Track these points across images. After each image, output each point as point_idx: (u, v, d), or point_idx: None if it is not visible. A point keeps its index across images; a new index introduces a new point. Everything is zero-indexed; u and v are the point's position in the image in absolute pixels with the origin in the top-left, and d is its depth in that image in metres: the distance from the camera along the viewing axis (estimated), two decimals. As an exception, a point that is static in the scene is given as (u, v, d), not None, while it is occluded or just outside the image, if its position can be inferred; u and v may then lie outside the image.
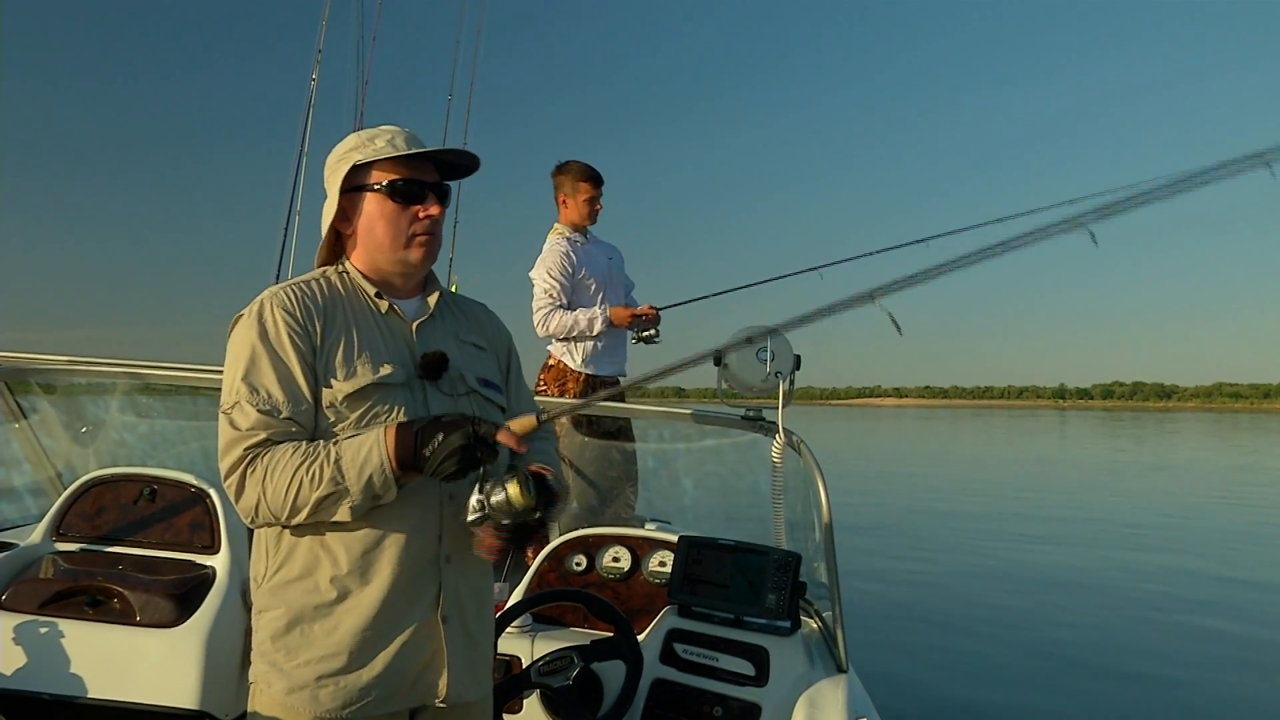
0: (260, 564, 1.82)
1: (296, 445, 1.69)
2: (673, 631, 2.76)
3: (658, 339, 4.78)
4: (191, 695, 2.70)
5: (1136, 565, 11.00)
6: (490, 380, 1.98)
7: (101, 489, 3.22)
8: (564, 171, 4.82)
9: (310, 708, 1.73)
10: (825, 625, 2.87)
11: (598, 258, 4.83)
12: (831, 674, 2.57)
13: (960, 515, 15.62)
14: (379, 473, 1.65)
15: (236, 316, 1.82)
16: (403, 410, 1.78)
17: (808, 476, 2.77)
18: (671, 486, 4.24)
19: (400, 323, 1.89)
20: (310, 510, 1.66)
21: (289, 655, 1.75)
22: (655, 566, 3.08)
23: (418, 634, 1.78)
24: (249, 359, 1.74)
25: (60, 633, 2.76)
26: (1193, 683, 6.48)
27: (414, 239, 1.86)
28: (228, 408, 1.72)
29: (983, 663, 6.91)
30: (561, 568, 3.13)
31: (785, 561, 2.75)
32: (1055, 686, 6.25)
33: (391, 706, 1.77)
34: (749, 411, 3.08)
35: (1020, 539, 12.96)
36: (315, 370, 1.76)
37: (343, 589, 1.74)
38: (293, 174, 5.37)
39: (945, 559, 11.27)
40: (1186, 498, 19.33)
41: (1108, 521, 15.12)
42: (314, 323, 1.78)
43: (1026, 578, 10.16)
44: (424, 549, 1.79)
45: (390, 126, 1.90)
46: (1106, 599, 9.04)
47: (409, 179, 1.85)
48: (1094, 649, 7.15)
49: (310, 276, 1.89)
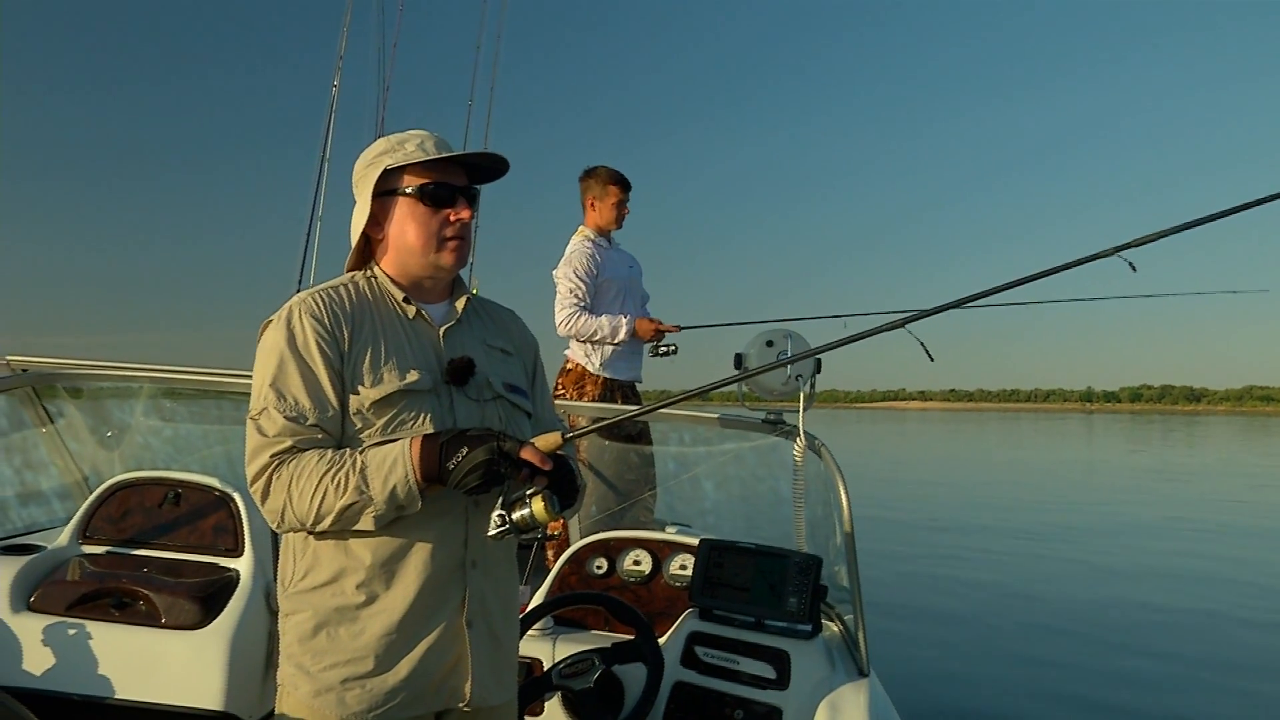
0: (287, 568, 1.84)
1: (323, 453, 1.70)
2: (694, 634, 2.76)
3: (675, 354, 4.82)
4: (216, 697, 2.72)
5: (1170, 570, 10.89)
6: (517, 385, 1.98)
7: (127, 492, 3.25)
8: (593, 175, 4.87)
9: (336, 710, 1.74)
10: (846, 629, 2.86)
11: (619, 264, 4.87)
12: (853, 678, 2.56)
13: (984, 519, 15.55)
14: (403, 484, 1.66)
15: (265, 322, 1.83)
16: (429, 417, 1.79)
17: (829, 480, 2.76)
18: (692, 490, 4.24)
19: (427, 328, 1.89)
20: (334, 518, 1.68)
21: (315, 658, 1.76)
22: (676, 570, 3.08)
23: (443, 638, 1.79)
24: (277, 365, 1.75)
25: (88, 634, 2.79)
26: (1242, 691, 6.38)
27: (445, 242, 1.87)
28: (255, 414, 1.74)
29: (1006, 668, 6.88)
30: (582, 571, 3.14)
31: (806, 565, 2.75)
32: (1079, 696, 6.20)
33: (417, 710, 1.78)
34: (770, 415, 3.08)
35: (1046, 543, 12.87)
36: (342, 377, 1.77)
37: (369, 594, 1.75)
38: (315, 179, 5.41)
39: (969, 563, 11.21)
40: (1224, 502, 19.14)
41: (1134, 524, 15.00)
42: (342, 329, 1.79)
43: (1052, 583, 10.09)
44: (449, 555, 1.80)
45: (419, 131, 1.91)
46: (1133, 605, 8.95)
47: (439, 183, 1.86)
48: (1125, 656, 7.08)
49: (339, 282, 1.90)
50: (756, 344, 3.07)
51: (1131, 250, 2.14)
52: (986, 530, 14.13)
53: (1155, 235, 2.16)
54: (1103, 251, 2.16)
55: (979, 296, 2.17)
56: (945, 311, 2.22)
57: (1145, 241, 2.14)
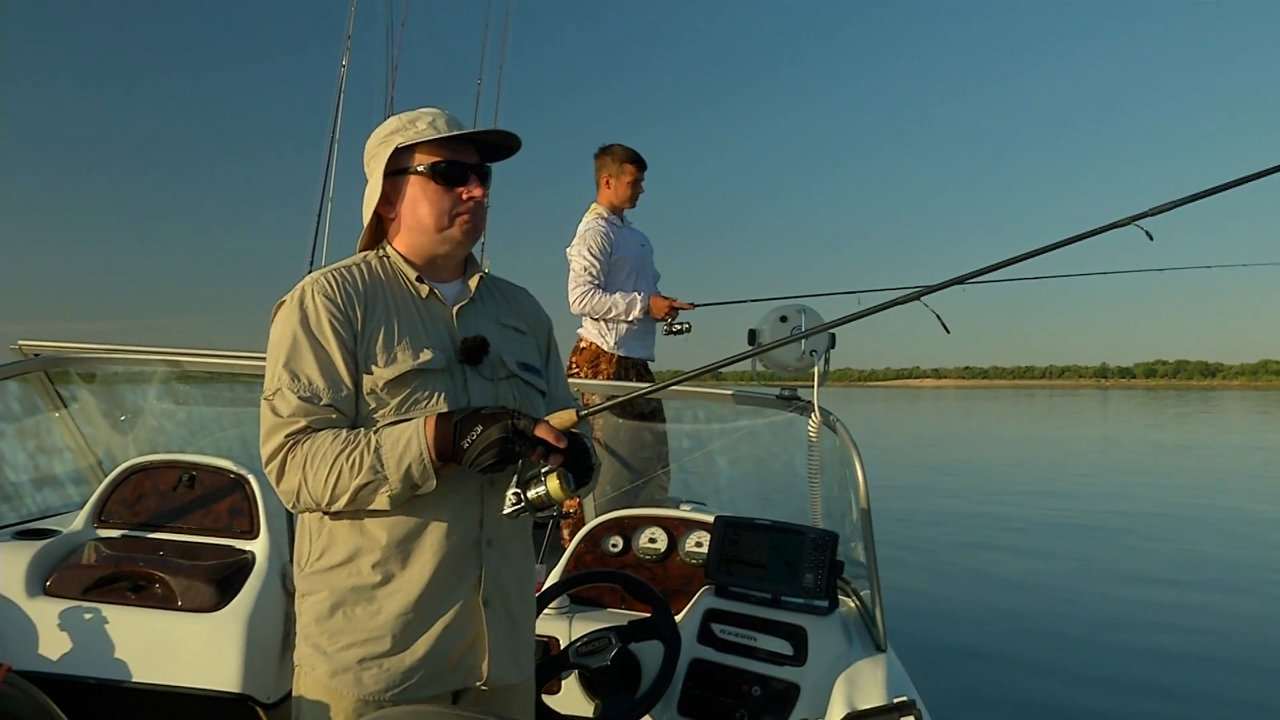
0: (304, 549, 1.84)
1: (337, 433, 1.69)
2: (710, 611, 2.75)
3: (688, 333, 4.84)
4: (233, 679, 2.73)
5: (1195, 549, 10.85)
6: (530, 364, 1.97)
7: (141, 476, 3.25)
8: (608, 153, 4.87)
9: (354, 690, 1.74)
10: (863, 605, 2.85)
11: (632, 243, 4.87)
12: (870, 653, 2.55)
13: (1002, 497, 15.54)
14: (418, 463, 1.65)
15: (279, 303, 1.82)
16: (443, 396, 1.78)
17: (844, 456, 2.74)
18: (706, 467, 4.23)
19: (441, 307, 1.88)
20: (350, 498, 1.67)
21: (332, 639, 1.76)
22: (692, 547, 3.07)
23: (459, 617, 1.79)
24: (290, 346, 1.74)
25: (104, 618, 2.80)
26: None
27: (457, 220, 1.86)
28: (270, 394, 1.74)
29: (1025, 643, 6.88)
30: (598, 549, 3.13)
31: (822, 541, 2.73)
32: (1098, 672, 6.19)
33: (434, 689, 1.78)
34: (784, 391, 3.06)
35: (1066, 520, 12.84)
36: (356, 357, 1.76)
37: (385, 573, 1.75)
38: (325, 159, 5.40)
39: (988, 540, 11.20)
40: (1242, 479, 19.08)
41: (1153, 500, 14.97)
42: (355, 309, 1.78)
43: (1072, 559, 10.06)
44: (465, 533, 1.79)
45: (430, 109, 1.89)
46: (1156, 581, 8.92)
47: (452, 161, 1.85)
48: (1146, 632, 7.06)
49: (351, 262, 1.89)
50: (770, 319, 3.05)
51: (1148, 219, 2.11)
52: (1005, 507, 14.11)
53: (1172, 204, 2.13)
54: (1119, 221, 2.13)
55: (995, 268, 2.15)
56: (958, 285, 2.20)
57: (1162, 210, 2.12)
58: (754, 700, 2.53)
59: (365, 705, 1.74)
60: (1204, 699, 5.66)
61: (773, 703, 2.51)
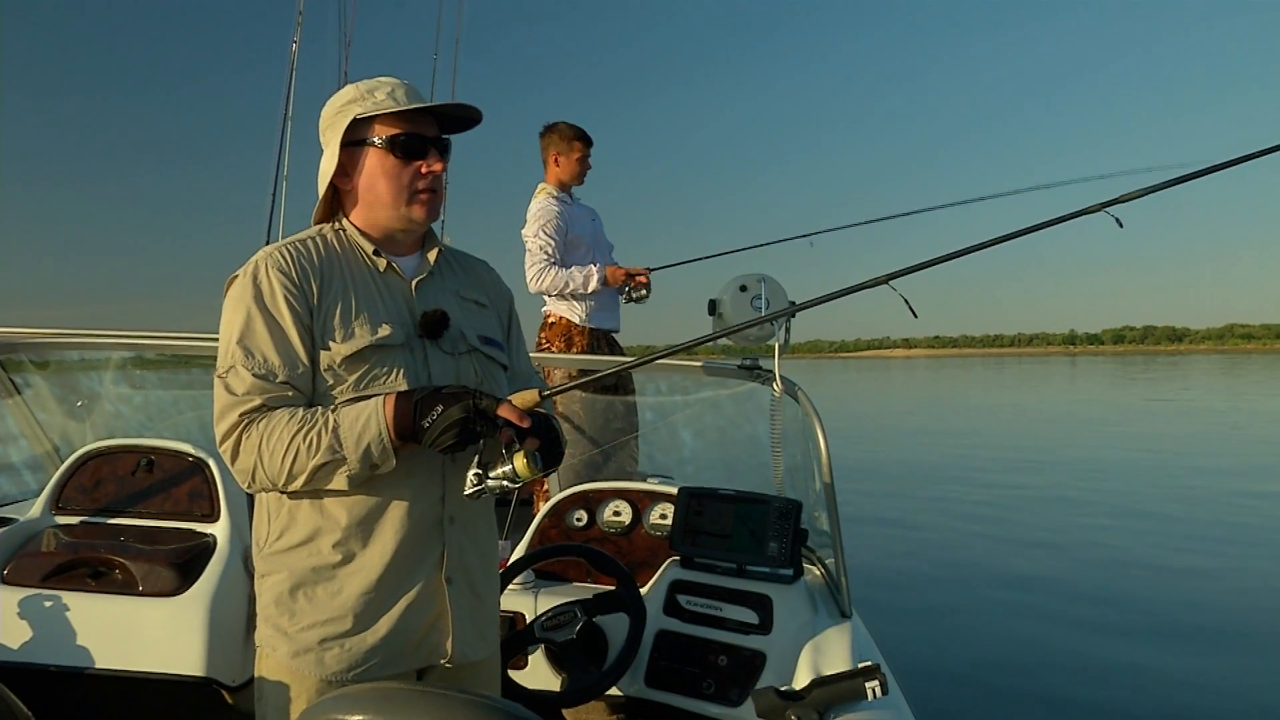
0: (262, 529, 1.81)
1: (293, 411, 1.67)
2: (675, 583, 2.76)
3: (647, 299, 4.87)
4: (197, 663, 2.71)
5: (1143, 511, 11.01)
6: (491, 338, 1.94)
7: (99, 461, 3.21)
8: (554, 131, 4.87)
9: (315, 670, 1.73)
10: (828, 572, 2.87)
11: (584, 219, 4.90)
12: (836, 620, 2.57)
13: (965, 463, 15.70)
14: (377, 442, 1.63)
15: (231, 278, 1.78)
16: (402, 372, 1.75)
17: (807, 424, 2.75)
18: (670, 439, 4.24)
19: (399, 281, 1.85)
20: (307, 478, 1.65)
21: (293, 619, 1.74)
22: (656, 519, 3.08)
23: (422, 595, 1.77)
24: (244, 322, 1.71)
25: (64, 605, 2.77)
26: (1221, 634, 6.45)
27: (417, 195, 1.82)
28: (223, 372, 1.70)
29: (989, 606, 6.97)
30: (563, 523, 3.13)
31: (786, 509, 2.74)
32: (1054, 636, 6.28)
33: (398, 668, 1.77)
34: (746, 360, 3.06)
35: (1024, 487, 13.00)
36: (312, 332, 1.73)
37: (346, 553, 1.73)
38: (278, 137, 5.35)
39: (951, 505, 11.33)
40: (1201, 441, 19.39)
41: (1116, 462, 15.20)
42: (310, 283, 1.75)
43: (1036, 525, 10.18)
44: (427, 511, 1.78)
45: (388, 78, 1.84)
46: (1109, 545, 9.05)
47: (411, 134, 1.80)
48: (1097, 601, 7.13)
49: (306, 235, 1.85)
50: (730, 289, 3.04)
51: (1119, 206, 2.15)
52: (971, 472, 14.30)
53: (1141, 192, 2.16)
54: (1090, 207, 2.17)
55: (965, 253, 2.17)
56: (929, 268, 2.22)
57: (1132, 198, 2.16)
58: (721, 670, 2.55)
59: (327, 685, 1.72)
60: (1167, 651, 5.77)
61: (739, 671, 2.53)
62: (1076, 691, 5.13)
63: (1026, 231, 2.15)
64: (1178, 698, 5.04)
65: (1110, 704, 4.95)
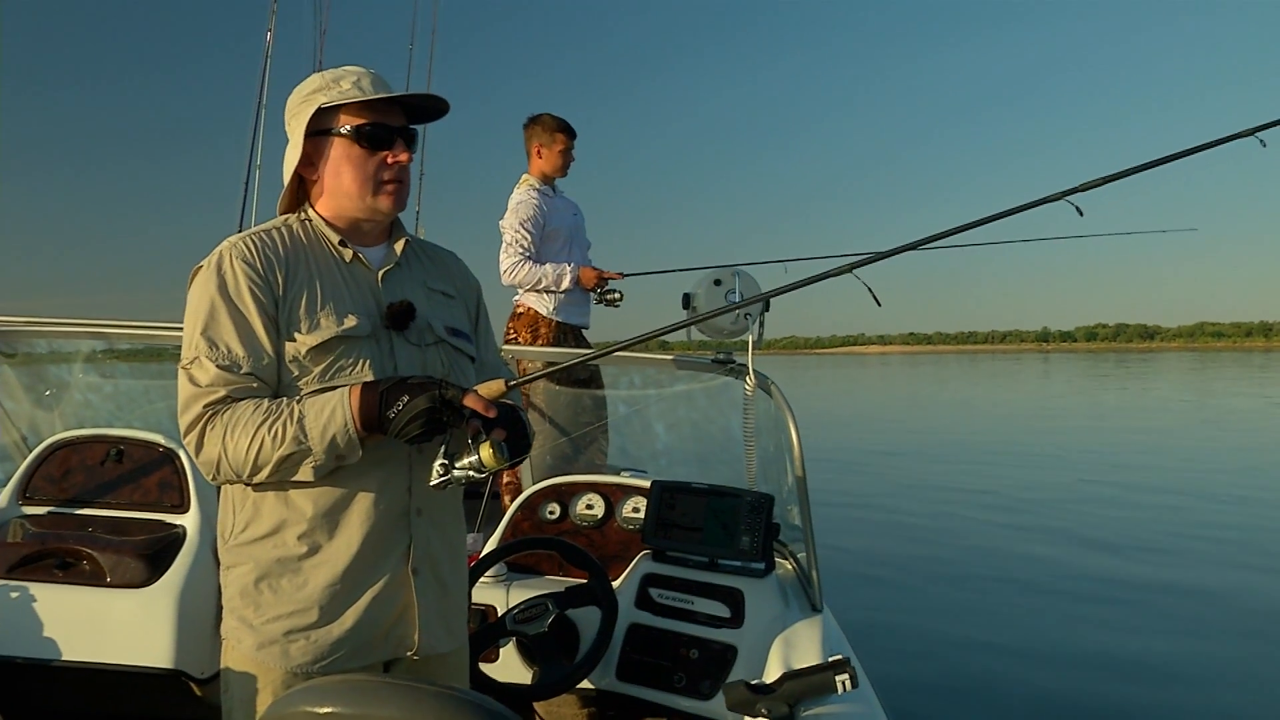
0: (227, 520, 1.80)
1: (258, 402, 1.66)
2: (648, 576, 2.76)
3: (619, 303, 4.87)
4: (165, 654, 2.69)
5: (1110, 502, 11.13)
6: (459, 329, 1.94)
7: (67, 451, 3.18)
8: (537, 123, 4.85)
9: (281, 662, 1.72)
10: (799, 566, 2.88)
11: (565, 212, 4.88)
12: (807, 614, 2.57)
13: (936, 457, 15.83)
14: (342, 433, 1.63)
15: (196, 268, 1.77)
16: (368, 363, 1.75)
17: (779, 418, 2.75)
18: (644, 433, 4.25)
19: (365, 271, 1.84)
20: (272, 469, 1.64)
21: (258, 611, 1.74)
22: (629, 513, 3.08)
23: (389, 587, 1.77)
24: (208, 313, 1.70)
25: (31, 597, 2.74)
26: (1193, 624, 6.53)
27: (382, 186, 1.81)
28: (187, 363, 1.69)
29: (959, 600, 7.02)
30: (535, 517, 3.13)
31: (758, 504, 2.75)
32: (1025, 625, 6.34)
33: (364, 660, 1.76)
34: (719, 354, 3.07)
35: (996, 480, 13.08)
36: (277, 323, 1.72)
37: (312, 544, 1.73)
38: (251, 126, 5.33)
39: (920, 501, 11.37)
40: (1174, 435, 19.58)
41: (1083, 454, 15.33)
42: (275, 274, 1.74)
43: (1007, 521, 10.23)
44: (393, 503, 1.77)
45: (355, 67, 1.83)
46: (1079, 540, 9.12)
47: (376, 124, 1.79)
48: (1065, 593, 7.19)
49: (271, 225, 1.83)
50: (704, 283, 3.05)
51: (1079, 195, 2.18)
52: (945, 466, 14.41)
53: (1100, 180, 2.20)
54: (1050, 196, 2.20)
55: (927, 241, 2.20)
56: (899, 255, 2.24)
57: (1091, 186, 2.19)
58: (692, 663, 2.55)
59: (293, 677, 1.72)
60: (1142, 644, 5.81)
61: (710, 665, 2.53)
62: (1046, 682, 5.17)
63: (988, 220, 2.18)
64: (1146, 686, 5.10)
65: (1078, 693, 5.00)
